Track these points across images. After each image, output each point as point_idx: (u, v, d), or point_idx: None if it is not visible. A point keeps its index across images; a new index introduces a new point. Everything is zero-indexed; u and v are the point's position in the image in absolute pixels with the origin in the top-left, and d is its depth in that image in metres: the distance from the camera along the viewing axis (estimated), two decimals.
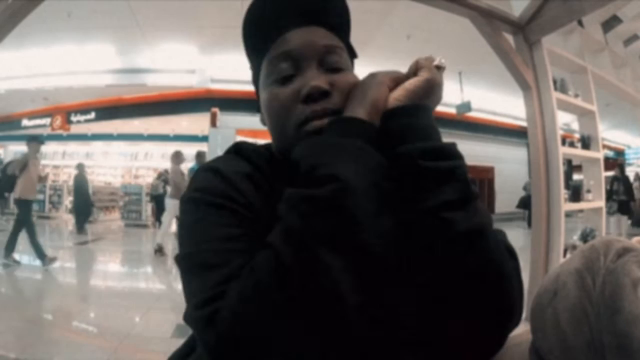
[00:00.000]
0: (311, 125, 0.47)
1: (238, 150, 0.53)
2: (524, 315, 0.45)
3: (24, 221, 4.47)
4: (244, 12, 0.53)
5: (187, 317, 0.40)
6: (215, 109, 7.87)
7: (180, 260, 0.44)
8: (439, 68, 0.50)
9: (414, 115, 0.45)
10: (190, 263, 0.42)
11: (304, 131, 0.47)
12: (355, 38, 0.57)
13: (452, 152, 0.43)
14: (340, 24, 0.54)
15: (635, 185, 8.47)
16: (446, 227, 0.39)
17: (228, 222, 0.43)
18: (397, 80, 0.49)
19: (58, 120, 9.99)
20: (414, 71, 0.50)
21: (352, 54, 0.56)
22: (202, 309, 0.37)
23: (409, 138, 0.43)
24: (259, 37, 0.53)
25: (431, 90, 0.48)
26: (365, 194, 0.38)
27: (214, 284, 0.38)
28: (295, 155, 0.43)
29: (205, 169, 0.49)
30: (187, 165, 6.36)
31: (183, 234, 0.45)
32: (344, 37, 0.55)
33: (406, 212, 0.41)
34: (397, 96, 0.47)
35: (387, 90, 0.48)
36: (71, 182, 10.93)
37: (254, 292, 0.35)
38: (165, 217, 5.54)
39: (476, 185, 0.45)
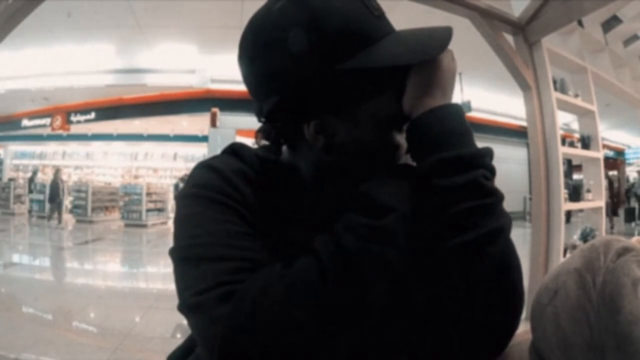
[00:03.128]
0: None
1: (233, 150, 0.53)
2: (524, 314, 0.45)
3: None
4: (244, 13, 0.53)
5: (186, 304, 0.39)
6: (215, 109, 7.86)
7: (175, 251, 0.44)
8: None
9: (425, 125, 0.44)
10: (188, 254, 0.42)
11: None
12: None
13: (468, 160, 0.42)
14: None
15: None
16: (466, 231, 0.40)
17: (226, 218, 0.43)
18: None
19: (58, 120, 9.99)
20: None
21: None
22: (207, 292, 0.37)
23: (423, 152, 0.43)
24: None
25: (435, 80, 0.44)
26: (408, 219, 0.42)
27: (220, 273, 0.39)
28: (362, 188, 0.44)
29: (203, 167, 0.49)
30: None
31: (180, 228, 0.45)
32: None
33: (426, 221, 0.42)
34: (409, 104, 0.45)
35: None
36: (71, 183, 10.97)
37: (284, 291, 0.36)
38: None
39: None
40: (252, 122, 0.58)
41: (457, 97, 7.79)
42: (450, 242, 0.40)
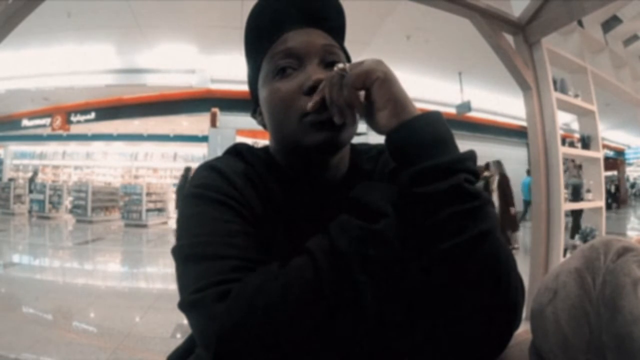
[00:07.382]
0: (314, 116, 0.47)
1: (237, 151, 0.54)
2: (524, 314, 0.45)
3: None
4: (244, 13, 0.54)
5: (185, 302, 0.40)
6: (215, 109, 7.85)
7: (177, 250, 0.44)
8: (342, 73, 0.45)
9: (402, 138, 0.44)
10: (189, 253, 0.43)
11: (306, 122, 0.48)
12: (355, 38, 0.58)
13: (448, 167, 0.41)
14: (336, 28, 0.56)
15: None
16: (452, 235, 0.40)
17: (228, 218, 0.44)
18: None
19: (58, 120, 9.97)
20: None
21: (347, 58, 0.57)
22: (205, 291, 0.38)
23: (404, 165, 0.43)
24: (260, 37, 0.53)
25: (399, 92, 0.45)
26: (397, 223, 0.42)
27: (219, 271, 0.39)
28: (354, 193, 0.45)
29: (206, 167, 0.50)
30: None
31: (182, 226, 0.46)
32: (340, 41, 0.56)
33: (413, 228, 0.42)
34: (385, 119, 0.45)
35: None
36: (71, 183, 10.98)
37: (279, 290, 0.37)
38: None
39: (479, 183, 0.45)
40: (252, 122, 0.59)
41: (457, 97, 7.80)
42: (438, 248, 0.40)
